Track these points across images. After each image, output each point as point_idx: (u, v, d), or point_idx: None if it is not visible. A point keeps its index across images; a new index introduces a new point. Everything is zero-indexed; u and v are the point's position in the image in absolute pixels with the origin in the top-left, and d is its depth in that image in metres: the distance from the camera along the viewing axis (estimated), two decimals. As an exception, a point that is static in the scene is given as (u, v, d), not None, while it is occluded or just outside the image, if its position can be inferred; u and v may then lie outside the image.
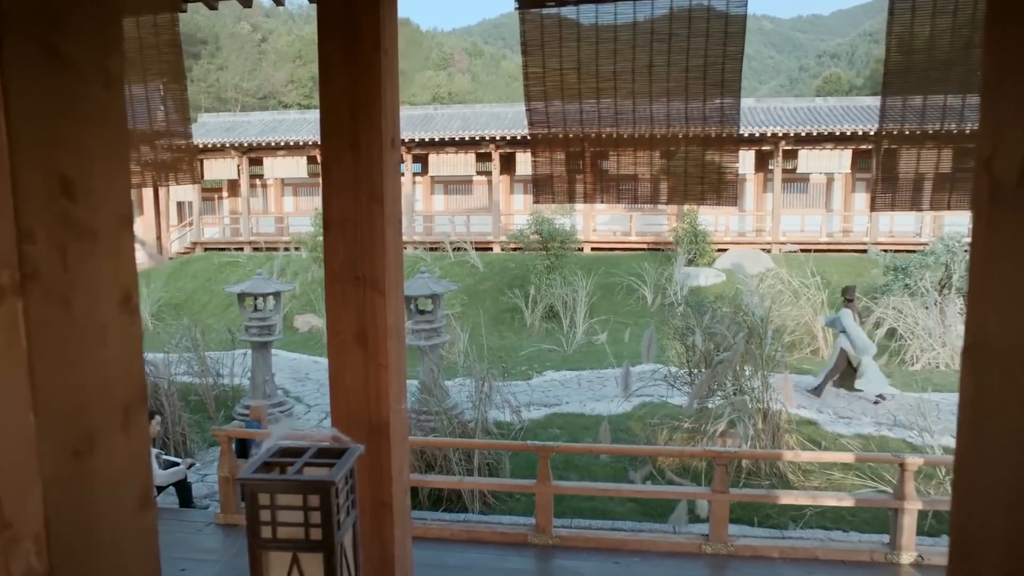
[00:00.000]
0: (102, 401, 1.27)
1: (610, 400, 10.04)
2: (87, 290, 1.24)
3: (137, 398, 1.37)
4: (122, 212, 1.32)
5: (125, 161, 1.34)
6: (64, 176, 1.18)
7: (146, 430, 1.42)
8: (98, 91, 1.25)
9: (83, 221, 1.22)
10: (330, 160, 2.88)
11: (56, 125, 1.17)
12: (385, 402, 2.96)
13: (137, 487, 1.39)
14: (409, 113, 23.83)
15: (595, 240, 21.05)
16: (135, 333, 1.36)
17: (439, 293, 8.96)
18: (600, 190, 3.11)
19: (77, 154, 1.21)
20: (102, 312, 1.27)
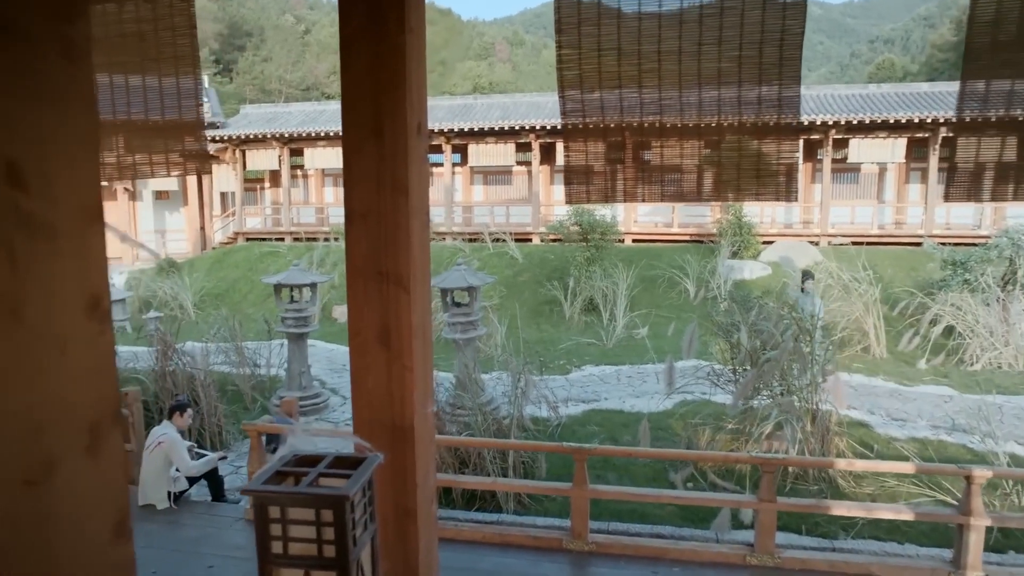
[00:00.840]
0: (62, 422, 1.11)
1: (650, 397, 9.76)
2: (42, 295, 1.07)
3: (108, 416, 1.20)
4: (88, 205, 1.15)
5: (92, 145, 1.16)
6: (11, 162, 1.01)
7: (119, 452, 1.26)
8: (56, 63, 1.08)
9: (37, 215, 1.06)
10: (352, 149, 2.71)
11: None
12: (410, 405, 2.79)
13: (108, 518, 1.22)
14: (449, 103, 23.71)
15: (636, 232, 20.67)
16: (106, 343, 1.19)
17: (475, 285, 8.79)
18: (642, 186, 2.84)
19: (28, 136, 1.04)
20: (63, 320, 1.11)
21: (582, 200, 2.85)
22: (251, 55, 55.08)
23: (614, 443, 7.88)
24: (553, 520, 5.63)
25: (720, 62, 2.60)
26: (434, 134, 21.63)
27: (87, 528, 1.17)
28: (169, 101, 3.03)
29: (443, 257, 18.81)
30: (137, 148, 3.02)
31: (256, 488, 2.12)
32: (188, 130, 3.02)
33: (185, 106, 3.03)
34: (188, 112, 3.03)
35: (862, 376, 9.87)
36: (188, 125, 3.05)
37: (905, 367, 10.56)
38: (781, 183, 2.61)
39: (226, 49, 55.90)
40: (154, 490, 5.42)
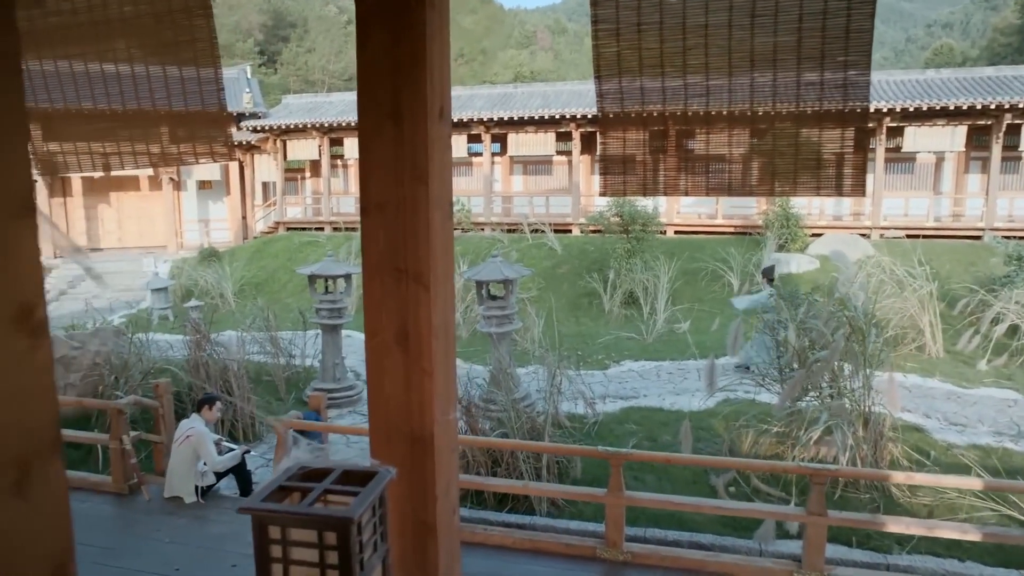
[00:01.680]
0: (-22, 457, 0.93)
1: (691, 394, 9.43)
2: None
3: (44, 448, 1.02)
4: (16, 202, 0.96)
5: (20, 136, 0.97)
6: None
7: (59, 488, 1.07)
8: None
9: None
10: (368, 134, 2.50)
11: None
12: (429, 412, 2.59)
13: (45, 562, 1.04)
14: (488, 92, 23.48)
15: (679, 223, 20.19)
16: (41, 360, 1.00)
17: (511, 278, 8.57)
18: (686, 178, 2.57)
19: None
20: (-21, 334, 0.92)
21: (619, 192, 2.60)
22: (295, 46, 55.63)
23: (652, 443, 7.61)
24: (587, 525, 5.41)
25: (776, 35, 2.31)
26: (473, 123, 21.44)
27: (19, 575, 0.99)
28: (191, 89, 2.87)
29: (481, 248, 18.63)
30: (156, 137, 2.88)
31: (254, 506, 1.95)
32: (211, 120, 2.86)
33: (207, 94, 2.87)
34: (210, 101, 2.86)
35: (917, 377, 9.38)
36: (210, 115, 2.87)
37: (964, 368, 10.01)
38: (847, 177, 2.32)
39: (270, 40, 56.58)
40: (181, 484, 5.36)
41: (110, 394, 6.90)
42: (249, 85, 24.37)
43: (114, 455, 5.56)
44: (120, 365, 7.34)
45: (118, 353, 7.57)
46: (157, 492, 5.54)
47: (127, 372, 7.28)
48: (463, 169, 24.72)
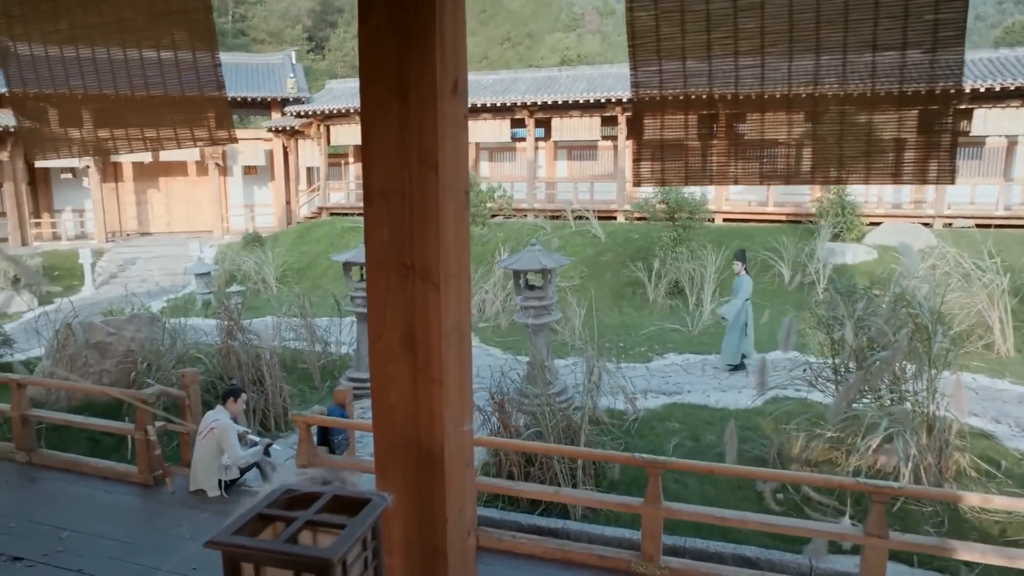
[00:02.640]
0: None
1: (738, 391, 9.00)
2: None
3: None
4: None
5: None
6: None
7: None
8: None
9: None
10: (371, 113, 2.22)
11: None
12: (439, 424, 2.31)
13: None
14: (532, 75, 23.05)
15: (727, 211, 19.50)
16: None
17: (550, 267, 8.26)
18: (736, 166, 2.24)
19: None
20: None
21: (654, 181, 2.27)
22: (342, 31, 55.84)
23: (696, 443, 7.24)
24: (623, 531, 5.10)
25: (847, 11, 1.95)
26: (517, 107, 21.06)
27: None
28: (188, 73, 2.65)
29: (523, 235, 18.31)
30: (150, 122, 2.68)
31: (224, 540, 1.70)
32: (209, 103, 2.63)
33: (204, 78, 2.64)
34: (208, 85, 2.63)
35: (985, 378, 8.76)
36: (209, 99, 2.64)
37: (1037, 368, 9.32)
38: (934, 163, 1.95)
39: (319, 26, 56.93)
40: (205, 477, 5.23)
41: (141, 381, 6.85)
42: (293, 70, 24.43)
43: (139, 446, 5.47)
44: (153, 352, 7.29)
45: (152, 340, 7.53)
46: (183, 484, 5.43)
47: (159, 359, 7.23)
48: (506, 154, 24.39)
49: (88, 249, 18.80)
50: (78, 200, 23.50)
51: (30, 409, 6.00)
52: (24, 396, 6.00)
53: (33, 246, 21.31)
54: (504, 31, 54.89)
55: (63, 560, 4.42)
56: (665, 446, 7.07)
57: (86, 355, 7.42)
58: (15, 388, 5.96)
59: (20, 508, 5.17)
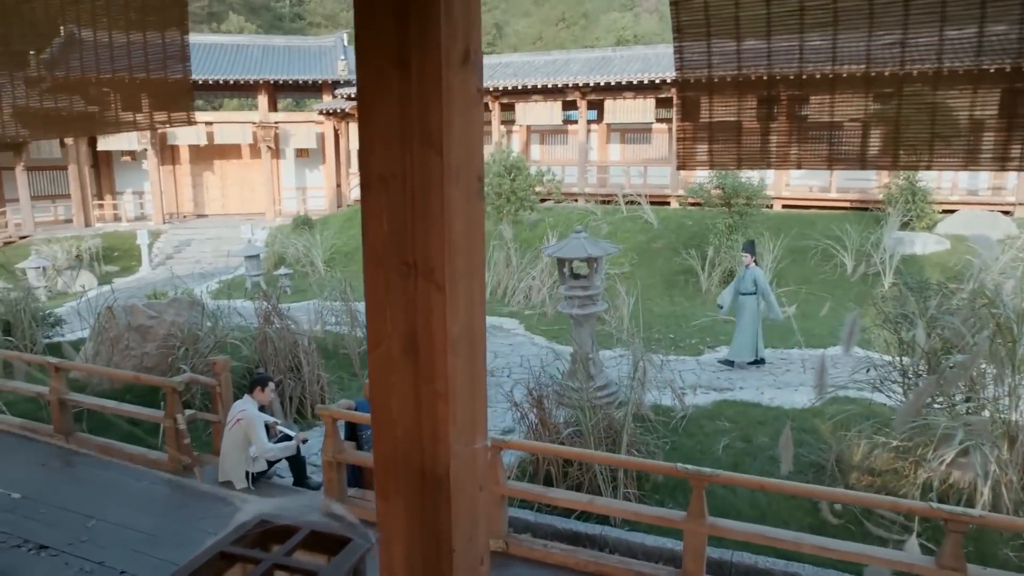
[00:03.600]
0: None
1: (794, 389, 8.50)
2: None
3: None
4: None
5: None
6: None
7: None
8: None
9: None
10: (367, 86, 1.93)
11: None
12: (444, 443, 2.03)
13: None
14: (585, 56, 22.48)
15: (787, 197, 18.67)
16: None
17: (596, 256, 7.90)
18: (797, 148, 1.93)
19: None
20: None
21: (699, 165, 1.95)
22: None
23: (747, 444, 6.82)
24: (666, 542, 4.75)
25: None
26: (568, 89, 20.58)
27: None
28: (154, 55, 2.43)
29: (572, 220, 17.90)
30: (111, 103, 2.48)
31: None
32: (173, 87, 2.41)
33: (170, 60, 2.42)
34: (173, 68, 2.41)
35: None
36: (173, 82, 2.43)
37: None
38: (1020, 148, 1.58)
39: (374, 9, 57.13)
40: (233, 468, 5.11)
41: (177, 367, 6.81)
42: (345, 53, 24.42)
43: (169, 434, 5.39)
44: (191, 337, 7.25)
45: (192, 324, 7.49)
46: (212, 474, 5.34)
47: (196, 344, 7.18)
48: (558, 137, 23.94)
49: (145, 231, 19.24)
50: (138, 182, 24.10)
51: (67, 393, 6.00)
52: (62, 379, 6.00)
53: (95, 227, 21.95)
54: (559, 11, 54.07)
55: (86, 550, 4.35)
56: (714, 447, 6.68)
57: (128, 338, 7.43)
58: (53, 371, 5.97)
59: (52, 493, 5.15)
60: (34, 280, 15.69)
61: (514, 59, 23.72)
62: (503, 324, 12.50)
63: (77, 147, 21.91)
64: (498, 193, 17.42)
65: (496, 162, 17.54)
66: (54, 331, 9.08)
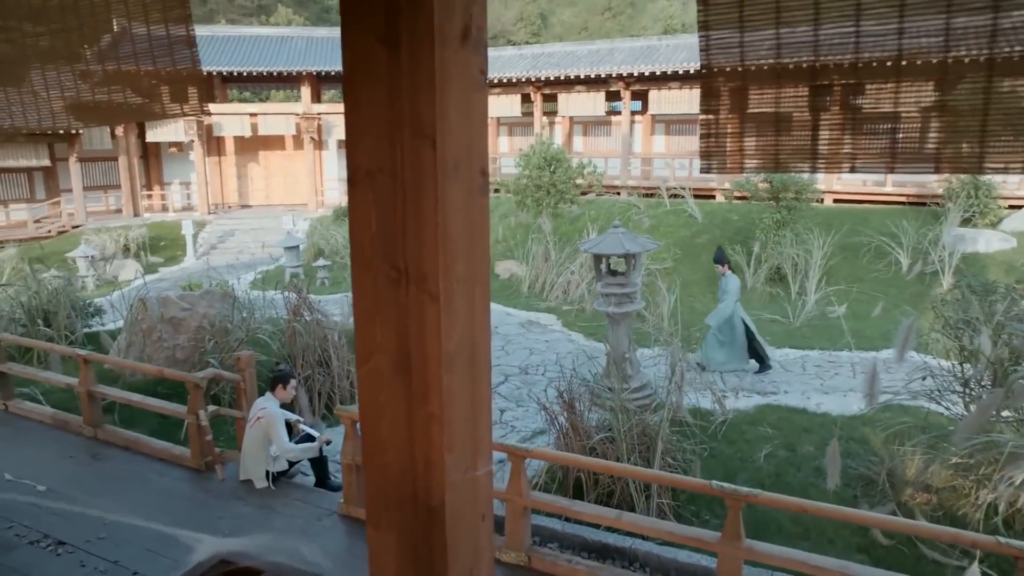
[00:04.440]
0: None
1: (843, 395, 8.07)
2: None
3: None
4: None
5: None
6: None
7: None
8: None
9: None
10: (354, 67, 1.71)
11: None
12: (439, 470, 1.80)
13: None
14: (630, 45, 21.97)
15: (839, 191, 17.94)
16: None
17: (634, 252, 7.59)
18: (848, 147, 1.70)
19: None
20: None
21: (728, 169, 1.69)
22: (442, 5, 55.89)
23: (791, 453, 6.45)
24: (700, 558, 4.46)
25: None
26: (612, 79, 20.14)
27: None
28: (161, 47, 2.30)
29: (613, 214, 17.53)
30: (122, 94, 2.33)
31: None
32: (182, 78, 2.25)
33: (178, 52, 2.27)
34: (181, 59, 2.25)
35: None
36: (181, 73, 2.27)
37: None
38: None
39: None
40: (253, 467, 5.00)
41: (205, 361, 6.76)
42: (388, 44, 24.35)
43: (191, 430, 5.31)
44: (220, 330, 7.20)
45: (223, 316, 7.44)
46: (233, 472, 5.24)
47: (226, 337, 7.12)
48: (602, 129, 23.52)
49: (190, 221, 19.54)
50: (185, 173, 24.53)
51: (96, 385, 5.98)
52: (90, 371, 5.98)
53: (144, 217, 22.43)
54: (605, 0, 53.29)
55: (102, 548, 4.28)
56: (755, 455, 6.34)
57: (160, 329, 7.42)
58: (82, 363, 5.96)
59: (76, 487, 5.12)
60: (83, 269, 16.05)
61: (556, 49, 23.35)
62: (540, 319, 12.26)
63: (127, 139, 22.38)
64: (537, 186, 17.14)
65: (536, 154, 17.26)
66: (94, 321, 9.18)
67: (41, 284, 8.76)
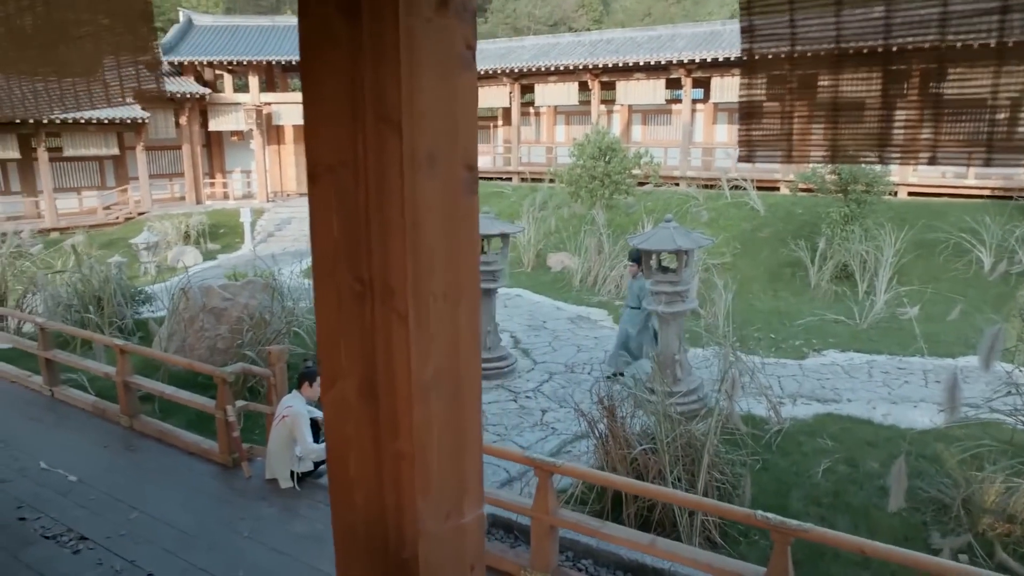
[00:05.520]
0: None
1: (914, 405, 7.47)
2: None
3: None
4: None
5: None
6: None
7: None
8: None
9: None
10: (311, 43, 1.43)
11: None
12: (410, 517, 1.52)
13: None
14: (692, 31, 21.19)
15: (914, 183, 16.88)
16: None
17: (686, 248, 7.17)
18: (929, 135, 1.36)
19: None
20: None
21: (775, 158, 1.36)
22: (507, -8, 55.60)
23: (852, 469, 5.96)
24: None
25: None
26: (673, 66, 19.47)
27: None
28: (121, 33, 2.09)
29: (671, 205, 16.97)
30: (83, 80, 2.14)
31: None
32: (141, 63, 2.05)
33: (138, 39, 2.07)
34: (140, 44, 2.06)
35: None
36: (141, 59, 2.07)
37: None
38: None
39: (482, -11, 56.95)
40: (279, 466, 4.87)
41: (243, 352, 6.70)
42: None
43: (219, 425, 5.21)
44: (259, 321, 7.13)
45: (263, 307, 7.38)
46: (260, 469, 5.12)
47: (264, 329, 7.05)
48: (662, 117, 22.85)
49: (248, 209, 19.85)
50: (246, 162, 25.00)
51: (132, 376, 5.97)
52: (127, 361, 5.97)
53: (206, 204, 22.95)
54: (670, -15, 51.90)
55: (122, 546, 4.20)
56: (812, 470, 5.88)
57: (202, 319, 7.41)
58: (119, 353, 5.94)
59: (106, 478, 5.09)
60: (145, 256, 16.48)
61: (616, 35, 22.73)
62: (590, 314, 11.90)
63: (190, 127, 22.92)
64: (592, 176, 16.71)
65: (590, 143, 16.81)
66: (144, 308, 9.31)
67: (93, 271, 8.90)
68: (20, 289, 10.11)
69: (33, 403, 6.68)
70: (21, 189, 21.38)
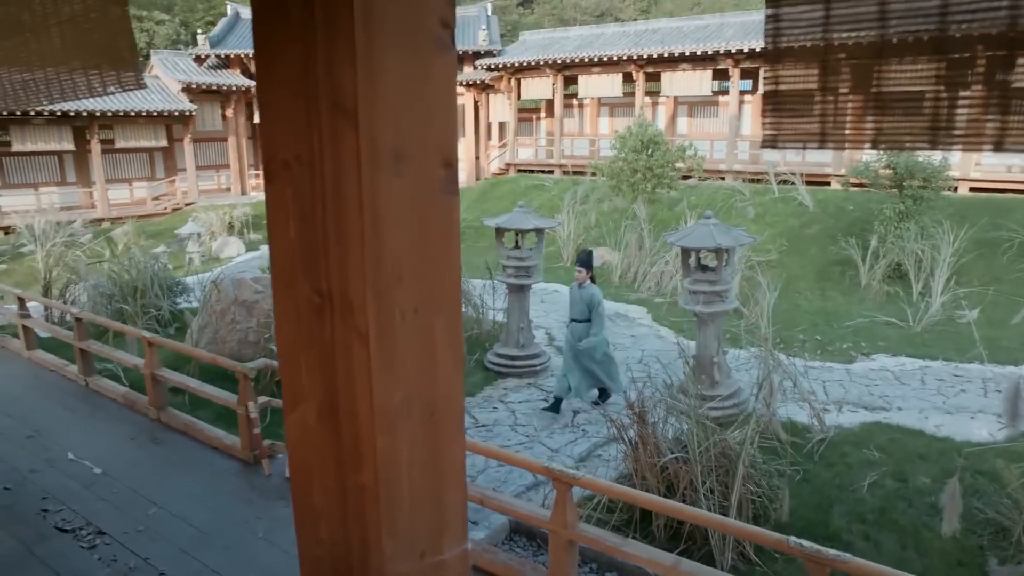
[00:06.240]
0: None
1: (971, 416, 7.03)
2: None
3: None
4: None
5: None
6: None
7: None
8: None
9: None
10: (264, 24, 1.28)
11: None
12: (375, 558, 1.35)
13: None
14: (740, 20, 20.56)
15: (976, 178, 16.06)
16: None
17: (726, 247, 6.87)
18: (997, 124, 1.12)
19: None
20: None
21: (804, 139, 1.15)
22: (553, -16, 55.14)
23: (901, 484, 5.62)
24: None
25: None
26: (720, 56, 18.92)
27: None
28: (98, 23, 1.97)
29: (716, 200, 16.52)
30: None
31: None
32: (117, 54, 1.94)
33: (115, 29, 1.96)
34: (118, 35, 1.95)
35: None
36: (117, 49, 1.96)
37: None
38: None
39: (528, -20, 56.62)
40: (297, 465, 4.76)
41: (268, 347, 6.66)
42: (487, 23, 24.07)
43: (241, 421, 5.15)
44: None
45: (293, 301, 7.33)
46: (280, 467, 5.06)
47: (291, 324, 6.99)
48: (709, 109, 22.27)
49: (291, 200, 20.03)
50: (291, 153, 25.24)
51: (159, 368, 5.97)
52: (155, 354, 5.97)
53: (250, 196, 23.30)
54: (720, -26, 50.69)
55: (138, 543, 4.17)
56: (857, 483, 5.56)
57: (234, 311, 7.42)
58: (147, 345, 5.95)
59: (129, 471, 5.09)
60: (190, 246, 16.77)
61: (662, 25, 22.22)
62: (629, 312, 11.63)
63: (236, 120, 23.27)
64: (634, 169, 16.35)
65: (632, 136, 16.44)
66: (181, 299, 9.40)
67: (132, 261, 9.02)
68: (65, 278, 10.34)
69: (69, 393, 6.77)
70: (76, 180, 22.03)
